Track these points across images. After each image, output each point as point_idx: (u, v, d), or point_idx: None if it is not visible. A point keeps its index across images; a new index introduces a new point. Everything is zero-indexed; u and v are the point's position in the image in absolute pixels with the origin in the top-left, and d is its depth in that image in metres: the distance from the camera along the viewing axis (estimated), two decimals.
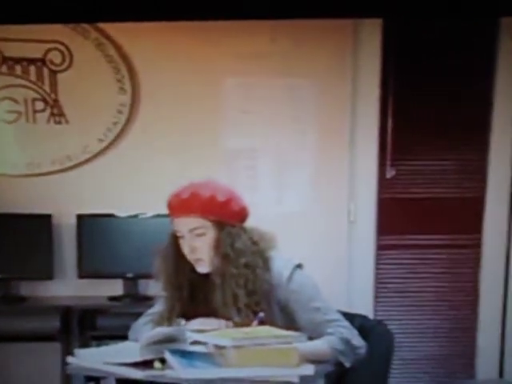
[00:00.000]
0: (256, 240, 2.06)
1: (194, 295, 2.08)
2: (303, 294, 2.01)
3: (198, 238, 2.01)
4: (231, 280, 1.99)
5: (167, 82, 3.53)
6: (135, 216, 3.47)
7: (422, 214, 3.62)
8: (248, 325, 1.95)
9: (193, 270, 2.07)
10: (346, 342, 1.97)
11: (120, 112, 3.55)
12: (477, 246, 3.64)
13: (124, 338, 2.56)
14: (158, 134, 3.55)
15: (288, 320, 2.00)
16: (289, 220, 3.49)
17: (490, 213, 3.63)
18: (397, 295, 3.65)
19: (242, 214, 2.07)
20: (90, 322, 3.37)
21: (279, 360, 1.79)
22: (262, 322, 1.95)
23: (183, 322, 2.00)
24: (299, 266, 2.06)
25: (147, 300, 3.42)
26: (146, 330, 2.04)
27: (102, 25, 3.43)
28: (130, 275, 3.45)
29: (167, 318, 2.04)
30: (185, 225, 2.02)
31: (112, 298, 3.44)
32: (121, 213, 3.47)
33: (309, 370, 1.80)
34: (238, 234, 2.03)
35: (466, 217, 3.62)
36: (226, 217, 2.02)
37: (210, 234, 2.01)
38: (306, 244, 3.37)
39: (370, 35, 3.52)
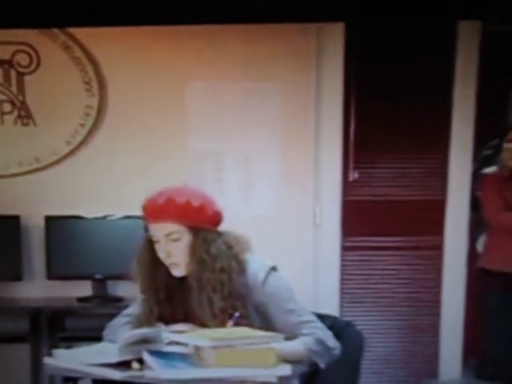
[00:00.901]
0: (231, 244, 2.09)
1: (171, 298, 2.11)
2: (278, 296, 2.05)
3: (173, 243, 2.04)
4: (207, 284, 2.02)
5: (134, 85, 3.55)
6: (103, 217, 3.48)
7: (385, 216, 3.70)
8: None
9: (169, 273, 2.10)
10: (321, 342, 2.01)
11: (88, 114, 3.56)
12: (438, 247, 3.74)
13: (93, 339, 2.58)
14: (125, 136, 3.57)
15: (264, 322, 2.04)
16: (256, 223, 3.52)
17: (450, 215, 3.74)
18: (362, 296, 3.73)
19: (217, 219, 2.11)
20: (59, 323, 3.37)
21: (257, 360, 1.83)
22: (237, 324, 1.99)
23: (162, 326, 2.03)
24: (274, 269, 2.10)
25: (116, 301, 3.45)
26: (123, 331, 2.05)
27: (69, 28, 3.43)
28: (98, 276, 3.47)
29: (146, 322, 2.07)
30: (160, 230, 2.05)
31: (81, 299, 3.45)
32: (89, 214, 3.48)
33: (286, 370, 1.84)
34: (213, 238, 2.06)
35: (427, 219, 3.72)
36: (201, 222, 2.06)
37: (186, 239, 2.04)
38: (272, 246, 3.39)
39: (333, 39, 3.58)
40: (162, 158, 3.58)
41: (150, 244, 2.10)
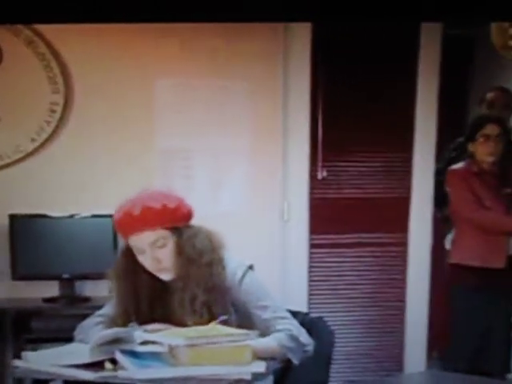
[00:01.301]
0: (210, 237, 2.12)
1: (152, 304, 2.11)
2: (253, 294, 2.08)
3: (160, 250, 2.04)
4: (193, 280, 2.03)
5: (101, 81, 3.51)
6: (70, 216, 3.43)
7: (352, 213, 3.74)
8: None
9: (152, 280, 2.10)
10: (295, 339, 2.03)
11: (53, 111, 3.50)
12: (403, 244, 3.80)
13: (61, 340, 2.55)
14: (92, 133, 3.52)
15: (242, 319, 2.06)
16: (224, 219, 3.51)
17: (415, 212, 3.80)
18: (330, 292, 3.76)
19: (191, 215, 2.12)
20: (25, 324, 3.30)
21: (232, 358, 1.84)
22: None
23: (135, 326, 2.02)
24: (251, 268, 2.13)
25: (84, 301, 3.41)
26: (95, 331, 2.04)
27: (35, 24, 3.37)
28: (65, 276, 3.41)
29: (120, 322, 2.05)
30: (144, 240, 2.04)
31: (47, 300, 3.39)
32: (55, 213, 3.43)
33: (260, 366, 1.86)
34: (195, 233, 2.08)
35: (393, 216, 3.78)
36: (181, 221, 2.07)
37: (171, 241, 2.05)
38: (240, 243, 3.38)
39: (300, 37, 3.59)
40: (129, 155, 3.55)
41: (130, 255, 2.09)
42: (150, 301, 2.10)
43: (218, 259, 2.09)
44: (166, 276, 2.08)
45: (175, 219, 2.05)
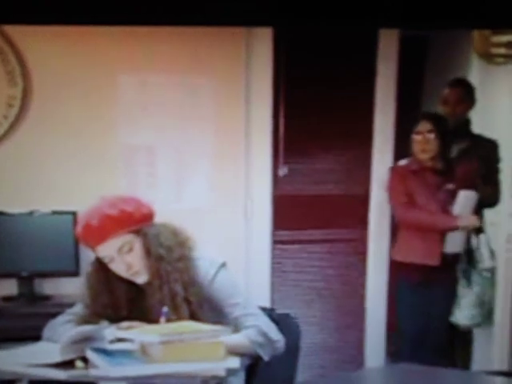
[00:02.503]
0: (176, 232, 2.13)
1: (131, 310, 2.10)
2: (225, 291, 2.09)
3: (128, 254, 2.04)
4: (169, 277, 2.03)
5: (62, 75, 3.44)
6: (29, 213, 3.36)
7: (314, 210, 3.78)
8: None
9: (128, 286, 2.09)
10: (263, 334, 2.05)
11: (10, 105, 3.42)
12: (363, 240, 3.85)
13: (20, 339, 2.50)
14: (51, 128, 3.45)
15: (215, 317, 2.06)
16: (188, 217, 3.47)
17: (374, 209, 3.86)
18: (291, 287, 3.78)
19: (152, 213, 2.12)
20: None
21: (206, 354, 1.84)
22: (168, 320, 1.99)
23: (106, 323, 2.00)
24: (223, 265, 2.15)
25: (44, 299, 3.35)
26: (65, 330, 2.02)
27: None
28: (24, 274, 3.34)
29: (91, 321, 2.03)
30: (110, 248, 2.03)
31: (6, 299, 3.32)
32: (13, 209, 3.35)
33: (235, 362, 1.87)
34: (160, 231, 2.08)
35: (353, 213, 3.83)
36: (142, 222, 2.06)
37: (137, 244, 2.04)
38: (204, 239, 3.40)
39: (262, 35, 3.61)
40: (91, 152, 3.48)
41: (101, 265, 2.08)
42: (128, 306, 2.10)
43: (188, 253, 2.10)
44: (140, 279, 2.08)
45: (135, 221, 2.05)
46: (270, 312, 2.34)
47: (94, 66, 3.47)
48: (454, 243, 3.39)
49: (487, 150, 3.59)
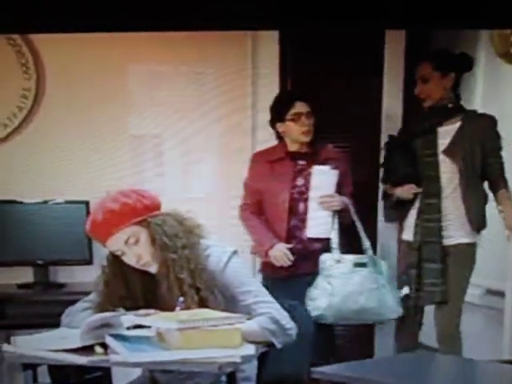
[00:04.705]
0: (181, 220, 2.15)
1: (148, 299, 2.15)
2: (237, 279, 2.12)
3: (136, 246, 2.09)
4: (174, 265, 2.06)
5: (73, 67, 3.49)
6: (43, 202, 3.42)
7: None
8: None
9: (143, 277, 2.14)
10: (276, 321, 2.07)
11: (25, 97, 3.48)
12: None
13: (35, 326, 2.57)
14: (64, 119, 3.51)
15: (228, 304, 2.09)
16: (195, 206, 3.53)
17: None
18: None
19: (156, 203, 2.15)
20: None
21: (223, 341, 1.88)
22: (183, 308, 2.02)
23: (123, 310, 2.06)
24: (235, 252, 2.18)
25: (58, 287, 3.42)
26: (84, 316, 2.07)
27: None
28: (40, 262, 3.41)
29: (109, 307, 2.09)
30: (118, 242, 2.08)
31: (22, 286, 3.38)
32: (29, 199, 3.41)
33: (250, 349, 1.91)
34: (164, 220, 2.11)
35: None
36: (145, 213, 2.10)
37: (143, 235, 2.09)
38: (211, 230, 3.46)
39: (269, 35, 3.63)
40: (102, 141, 3.55)
41: (116, 259, 2.14)
42: (144, 296, 2.15)
43: (195, 241, 2.13)
44: (152, 269, 2.12)
45: (138, 213, 2.08)
46: (281, 300, 2.38)
47: (104, 57, 3.51)
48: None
49: (482, 125, 3.23)
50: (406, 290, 3.26)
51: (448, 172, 3.24)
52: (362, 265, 3.13)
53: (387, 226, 3.67)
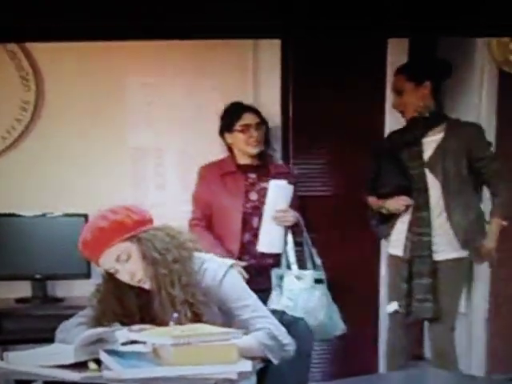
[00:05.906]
0: (173, 234, 2.11)
1: (143, 316, 2.12)
2: (234, 293, 2.09)
3: (128, 263, 2.06)
4: (165, 281, 2.03)
5: (72, 79, 3.49)
6: (42, 215, 3.40)
7: (325, 210, 3.76)
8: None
9: (139, 293, 2.12)
10: (273, 337, 2.04)
11: (24, 109, 3.47)
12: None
13: (33, 341, 2.53)
14: (63, 131, 3.50)
15: (226, 318, 2.07)
16: None
17: None
18: None
19: (147, 218, 2.12)
20: None
21: (218, 357, 1.84)
22: (177, 323, 1.99)
23: (118, 325, 2.03)
24: (232, 266, 2.14)
25: (56, 302, 3.39)
26: (78, 332, 2.03)
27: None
28: (38, 276, 3.38)
29: (104, 323, 2.06)
30: (109, 259, 2.05)
31: (20, 300, 3.36)
32: (26, 212, 3.39)
33: (247, 366, 1.86)
34: (154, 235, 2.07)
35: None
36: (134, 229, 2.06)
37: (134, 251, 2.05)
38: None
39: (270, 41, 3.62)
40: (101, 154, 3.53)
41: (111, 278, 2.11)
42: (140, 313, 2.12)
43: (187, 255, 2.09)
44: (147, 285, 2.09)
45: (127, 229, 2.05)
46: (281, 315, 2.33)
47: (103, 70, 3.51)
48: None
49: (467, 134, 3.17)
50: (394, 306, 3.22)
51: (433, 185, 3.19)
52: (320, 281, 3.09)
53: None
